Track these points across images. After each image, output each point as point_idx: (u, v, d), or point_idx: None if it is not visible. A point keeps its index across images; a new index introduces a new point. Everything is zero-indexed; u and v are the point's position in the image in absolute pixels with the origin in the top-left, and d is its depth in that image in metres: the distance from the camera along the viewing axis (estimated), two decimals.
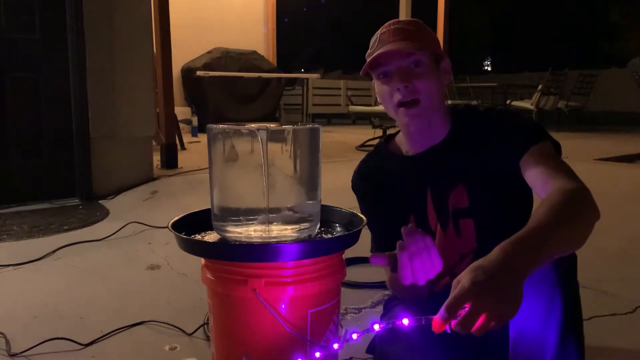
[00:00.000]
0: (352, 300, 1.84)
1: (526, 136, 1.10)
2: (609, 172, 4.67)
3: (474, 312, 0.72)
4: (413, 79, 1.12)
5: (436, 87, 1.15)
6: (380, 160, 1.30)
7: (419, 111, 1.14)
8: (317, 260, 1.00)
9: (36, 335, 1.58)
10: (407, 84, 1.12)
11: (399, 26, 1.16)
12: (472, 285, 0.73)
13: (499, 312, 0.73)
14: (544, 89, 8.21)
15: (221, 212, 1.04)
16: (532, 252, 0.79)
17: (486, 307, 0.72)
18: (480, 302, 0.73)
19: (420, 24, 1.18)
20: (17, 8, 3.28)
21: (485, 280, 0.74)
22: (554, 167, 1.03)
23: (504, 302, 0.73)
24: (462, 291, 0.74)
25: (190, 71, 7.78)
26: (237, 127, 1.01)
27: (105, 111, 3.51)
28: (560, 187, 0.95)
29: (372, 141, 6.09)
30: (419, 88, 1.12)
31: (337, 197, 1.40)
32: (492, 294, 0.73)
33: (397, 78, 1.13)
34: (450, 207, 1.17)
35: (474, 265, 0.77)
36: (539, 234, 0.81)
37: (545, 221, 0.84)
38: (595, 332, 0.97)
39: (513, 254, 0.77)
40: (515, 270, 0.76)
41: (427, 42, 1.15)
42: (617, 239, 2.46)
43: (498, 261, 0.76)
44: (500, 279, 0.74)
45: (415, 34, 1.14)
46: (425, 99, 1.13)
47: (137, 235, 2.73)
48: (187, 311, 1.77)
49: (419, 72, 1.12)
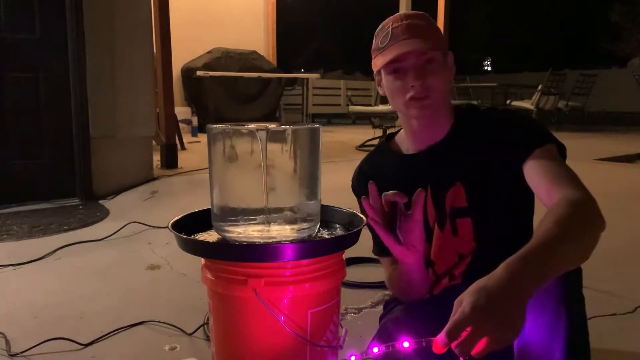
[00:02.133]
0: (352, 300, 1.84)
1: (530, 138, 1.09)
2: (609, 172, 4.67)
3: (474, 336, 0.71)
4: (427, 76, 1.12)
5: (446, 83, 1.16)
6: (381, 159, 1.30)
7: (429, 103, 1.14)
8: (317, 260, 0.99)
9: (36, 335, 1.58)
10: (423, 82, 1.12)
11: (411, 22, 1.14)
12: (473, 310, 0.72)
13: (499, 336, 0.71)
14: (544, 89, 8.20)
15: (221, 212, 1.04)
16: (539, 270, 0.77)
17: (487, 332, 0.71)
18: (481, 326, 0.71)
19: (429, 19, 1.17)
20: (17, 8, 3.28)
21: (487, 304, 0.72)
22: (559, 173, 1.01)
23: (505, 326, 0.71)
24: (463, 316, 0.72)
25: (190, 71, 7.78)
26: (237, 127, 1.01)
27: (105, 111, 3.51)
28: (566, 198, 0.92)
29: (372, 141, 6.09)
30: (432, 85, 1.13)
31: (337, 197, 1.40)
32: (493, 318, 0.71)
33: (412, 76, 1.12)
34: (447, 206, 1.17)
35: (477, 286, 0.74)
36: (546, 251, 0.79)
37: (552, 237, 0.82)
38: (595, 332, 0.97)
39: (520, 273, 0.75)
40: (521, 290, 0.74)
41: (438, 38, 1.15)
42: (617, 239, 2.46)
43: (503, 281, 0.74)
44: (504, 302, 0.72)
45: (427, 31, 1.14)
46: (436, 95, 1.14)
47: (137, 235, 2.73)
48: (187, 311, 1.77)
49: (431, 69, 1.12)
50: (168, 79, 4.37)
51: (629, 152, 5.77)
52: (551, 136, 1.10)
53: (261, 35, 8.98)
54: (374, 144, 5.95)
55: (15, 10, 3.27)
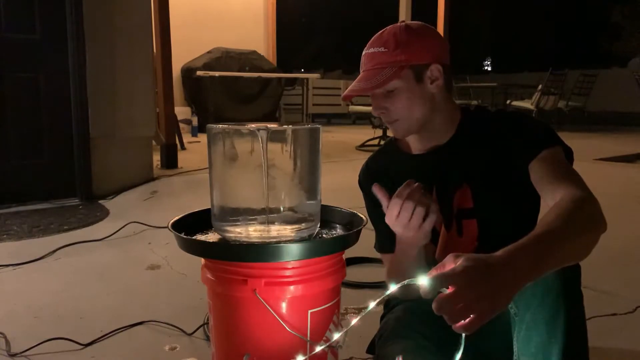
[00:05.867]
0: (352, 300, 1.84)
1: (537, 140, 1.09)
2: (609, 172, 4.67)
3: (453, 297, 0.71)
4: (387, 104, 1.13)
5: (417, 103, 1.13)
6: (388, 158, 1.30)
7: (402, 126, 1.16)
8: (317, 260, 1.00)
9: (36, 335, 1.58)
10: (383, 111, 1.15)
11: (372, 50, 1.14)
12: (463, 271, 0.72)
13: (477, 308, 0.71)
14: (544, 89, 8.20)
15: (221, 212, 1.04)
16: (536, 260, 0.77)
17: (466, 299, 0.71)
18: (462, 291, 0.71)
19: (398, 40, 1.12)
20: (17, 8, 3.28)
21: (478, 272, 0.72)
22: (563, 175, 1.01)
23: (485, 300, 0.71)
24: (452, 272, 0.72)
25: (190, 71, 7.78)
26: (237, 127, 1.01)
27: (105, 111, 3.51)
28: (569, 196, 0.93)
29: (372, 141, 6.09)
30: (395, 111, 1.14)
31: (337, 197, 1.41)
32: (479, 287, 0.71)
33: (373, 104, 1.16)
34: (454, 207, 1.17)
35: (477, 256, 0.74)
36: (545, 242, 0.80)
37: (552, 230, 0.82)
38: (595, 332, 0.97)
39: (518, 259, 0.76)
40: (515, 275, 0.75)
41: (399, 62, 1.10)
42: (617, 239, 2.46)
43: (501, 260, 0.75)
44: (496, 278, 0.73)
45: (386, 59, 1.11)
46: (405, 119, 1.14)
47: (137, 235, 2.73)
48: (187, 311, 1.77)
49: (394, 95, 1.13)
50: (168, 79, 4.37)
51: (629, 152, 5.77)
52: (559, 139, 1.10)
53: (261, 35, 8.97)
54: (374, 144, 5.99)
55: (15, 10, 3.27)
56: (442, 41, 1.18)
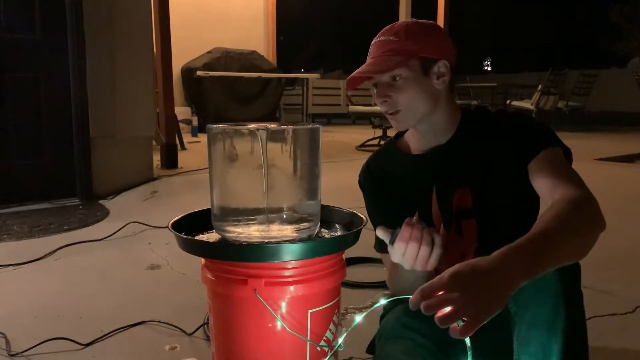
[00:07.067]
0: (352, 300, 1.84)
1: (536, 140, 1.09)
2: (609, 172, 4.67)
3: (442, 300, 0.72)
4: (392, 93, 1.13)
5: (421, 96, 1.13)
6: (388, 158, 1.30)
7: (402, 118, 1.15)
8: (317, 260, 1.00)
9: (36, 335, 1.58)
10: (386, 99, 1.14)
11: (383, 38, 1.14)
12: (451, 277, 0.74)
13: (468, 311, 0.72)
14: (544, 89, 8.21)
15: (221, 212, 1.04)
16: (530, 260, 0.78)
17: (455, 302, 0.72)
18: (451, 296, 0.72)
19: (410, 31, 1.13)
20: (17, 8, 3.27)
21: (466, 277, 0.73)
22: (563, 175, 1.02)
23: (476, 304, 0.72)
24: (439, 280, 0.74)
25: (190, 71, 7.77)
26: (237, 127, 1.01)
27: (105, 111, 3.51)
28: (567, 195, 0.93)
29: (372, 141, 6.09)
30: (398, 101, 1.13)
31: (337, 197, 1.41)
32: (467, 291, 0.72)
33: (377, 92, 1.15)
34: (453, 207, 1.17)
35: (467, 261, 0.76)
36: (541, 242, 0.80)
37: (548, 230, 0.83)
38: (595, 332, 0.97)
39: (511, 259, 0.76)
40: (508, 276, 0.75)
41: (409, 52, 1.11)
42: (617, 239, 2.46)
43: (492, 262, 0.76)
44: (486, 280, 0.73)
45: (396, 47, 1.12)
46: (407, 110, 1.14)
47: (137, 235, 2.73)
48: (187, 311, 1.77)
49: (398, 85, 1.12)
50: (168, 79, 4.37)
51: (629, 152, 5.78)
52: (558, 139, 1.11)
53: (261, 35, 8.97)
54: (374, 144, 5.98)
55: (15, 10, 3.27)
56: (452, 44, 1.19)
